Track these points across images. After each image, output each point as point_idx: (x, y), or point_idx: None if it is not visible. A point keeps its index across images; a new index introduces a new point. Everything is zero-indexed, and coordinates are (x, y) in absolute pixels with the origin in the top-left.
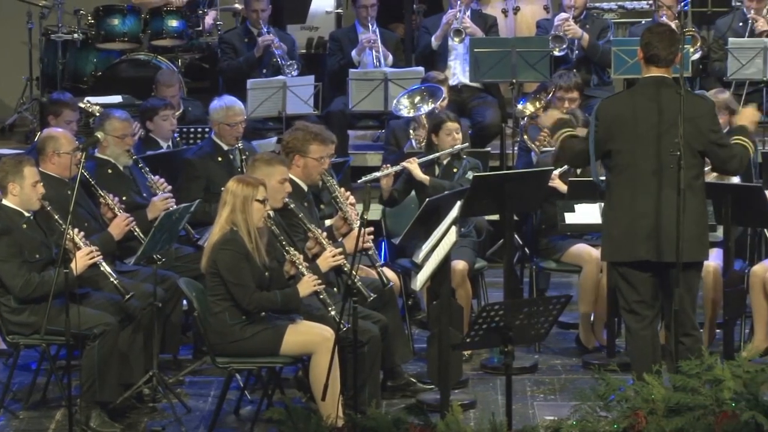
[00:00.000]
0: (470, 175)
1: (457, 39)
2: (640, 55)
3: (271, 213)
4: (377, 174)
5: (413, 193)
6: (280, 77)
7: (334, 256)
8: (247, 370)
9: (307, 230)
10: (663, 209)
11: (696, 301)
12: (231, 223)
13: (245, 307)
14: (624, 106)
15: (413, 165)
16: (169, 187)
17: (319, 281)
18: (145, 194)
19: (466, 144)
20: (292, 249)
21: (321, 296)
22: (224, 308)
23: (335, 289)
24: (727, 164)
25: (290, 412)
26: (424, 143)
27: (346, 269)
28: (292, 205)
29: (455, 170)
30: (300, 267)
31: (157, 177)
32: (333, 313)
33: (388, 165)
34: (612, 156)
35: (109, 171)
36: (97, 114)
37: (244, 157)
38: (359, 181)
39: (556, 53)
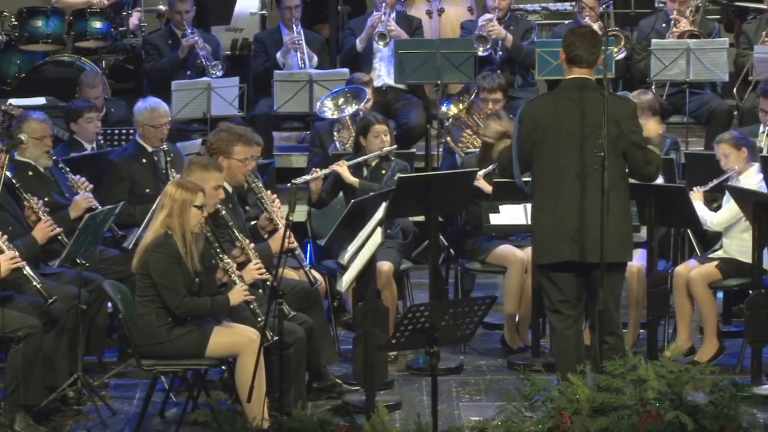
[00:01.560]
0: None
1: (381, 43)
2: (563, 57)
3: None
4: (307, 177)
5: (341, 194)
6: (205, 78)
7: (258, 269)
8: (172, 372)
9: (236, 239)
10: (587, 210)
11: (620, 301)
12: (166, 227)
13: (174, 311)
14: (547, 108)
15: (342, 168)
16: (90, 186)
17: (250, 291)
18: (67, 194)
19: (395, 146)
20: (226, 257)
21: (251, 306)
22: (151, 310)
23: (260, 290)
24: (644, 168)
25: (216, 414)
26: (348, 145)
27: (268, 283)
28: (223, 212)
29: (384, 172)
30: (232, 275)
31: (77, 176)
32: (261, 323)
33: (318, 168)
34: (536, 158)
35: (30, 173)
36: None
37: (168, 158)
38: (288, 184)
39: (480, 53)
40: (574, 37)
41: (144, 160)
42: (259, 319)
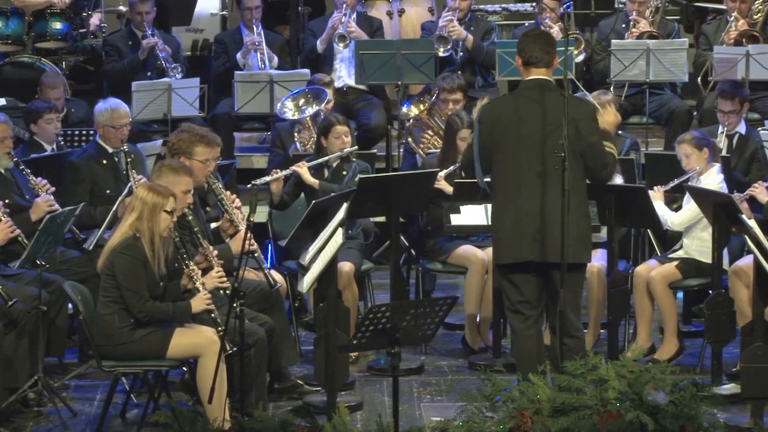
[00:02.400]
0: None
1: (341, 44)
2: (519, 62)
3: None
4: (267, 178)
5: (302, 195)
6: (166, 79)
7: (220, 277)
8: (133, 374)
9: (200, 245)
10: (547, 210)
11: (580, 301)
12: (135, 230)
13: (135, 314)
14: (507, 108)
15: (303, 169)
16: (52, 189)
17: (212, 300)
18: (27, 196)
19: (356, 147)
20: (192, 264)
21: (212, 315)
22: (114, 310)
23: (221, 291)
24: (601, 172)
25: (177, 415)
26: (309, 145)
27: (227, 287)
28: (190, 217)
29: (345, 173)
30: (196, 283)
31: (39, 178)
32: (221, 333)
33: (278, 170)
34: (496, 158)
35: None
36: None
37: (129, 159)
38: (249, 185)
39: (441, 53)
40: (526, 40)
41: (104, 161)
42: (219, 329)
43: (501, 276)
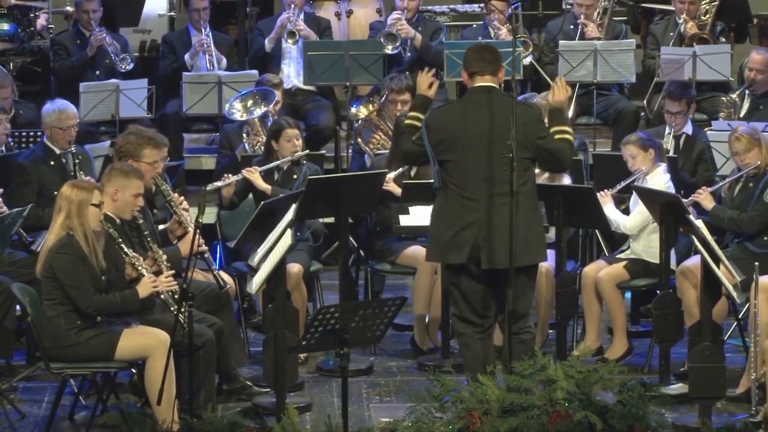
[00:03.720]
0: None
1: (291, 41)
2: (465, 76)
3: (117, 219)
4: (219, 183)
5: (250, 196)
6: (113, 80)
7: (169, 281)
8: (81, 375)
9: (149, 249)
10: (495, 214)
11: (531, 303)
12: (67, 228)
13: (85, 310)
14: (455, 114)
15: (255, 175)
16: (0, 191)
17: (157, 282)
18: None
19: (307, 151)
20: (131, 251)
21: (162, 296)
22: (59, 313)
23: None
24: (556, 164)
25: (125, 416)
26: (258, 146)
27: (175, 288)
28: (141, 221)
29: (295, 177)
30: (139, 269)
31: None
32: (174, 312)
33: (229, 174)
34: (444, 163)
35: None
36: None
37: (76, 161)
38: (200, 189)
39: (389, 51)
40: (471, 54)
41: (52, 162)
42: (172, 308)
43: (450, 285)
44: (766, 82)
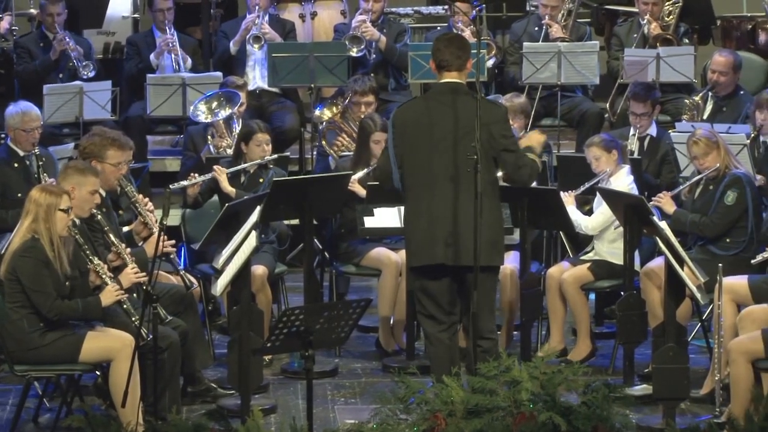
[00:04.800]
0: None
1: (256, 45)
2: (433, 66)
3: (77, 221)
4: (185, 183)
5: (215, 197)
6: (77, 82)
7: (135, 273)
8: (45, 378)
9: (111, 243)
10: (460, 213)
11: (494, 304)
12: (33, 232)
13: (46, 315)
14: (419, 112)
15: (222, 176)
16: None
17: (122, 291)
18: None
19: (275, 156)
20: (96, 259)
21: (124, 306)
22: (22, 315)
23: (134, 294)
24: (517, 172)
25: (90, 419)
26: (222, 148)
27: (144, 287)
28: (99, 216)
29: (261, 180)
30: (103, 276)
31: None
32: (136, 322)
33: (195, 174)
34: (408, 162)
35: None
36: None
37: (40, 163)
38: (165, 189)
39: (354, 54)
40: (439, 44)
41: (16, 165)
42: (134, 318)
43: (414, 282)
44: (729, 84)
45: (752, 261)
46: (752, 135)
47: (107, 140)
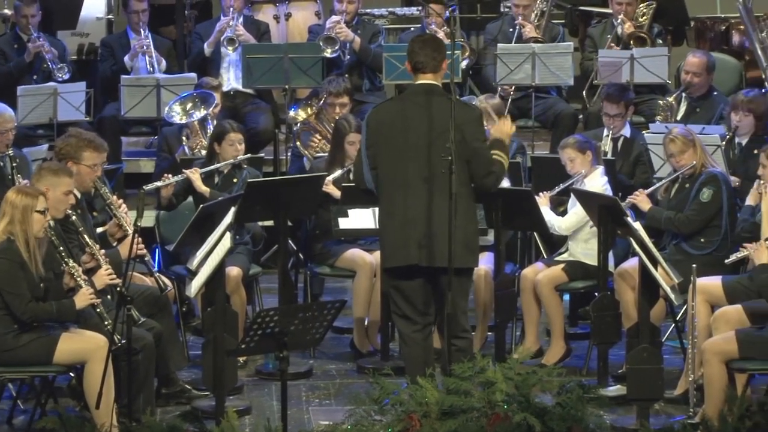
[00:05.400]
0: None
1: (230, 48)
2: (409, 67)
3: (51, 223)
4: (159, 183)
5: (190, 198)
6: (51, 84)
7: (109, 274)
8: (19, 380)
9: (86, 244)
10: (434, 215)
11: (467, 304)
12: (8, 233)
13: (20, 317)
14: (394, 113)
15: (195, 175)
16: None
17: (96, 295)
18: None
19: (249, 155)
20: (71, 261)
21: (98, 310)
22: None
23: (109, 296)
24: (484, 179)
25: (64, 421)
26: (197, 149)
27: (118, 288)
28: (74, 217)
29: (235, 180)
30: (78, 279)
31: None
32: (108, 327)
33: (170, 174)
34: (383, 162)
35: None
36: None
37: (14, 164)
38: (139, 190)
39: (328, 54)
40: (415, 45)
41: None
42: (107, 323)
43: (389, 282)
44: (703, 85)
45: (726, 261)
46: (728, 136)
47: (83, 142)
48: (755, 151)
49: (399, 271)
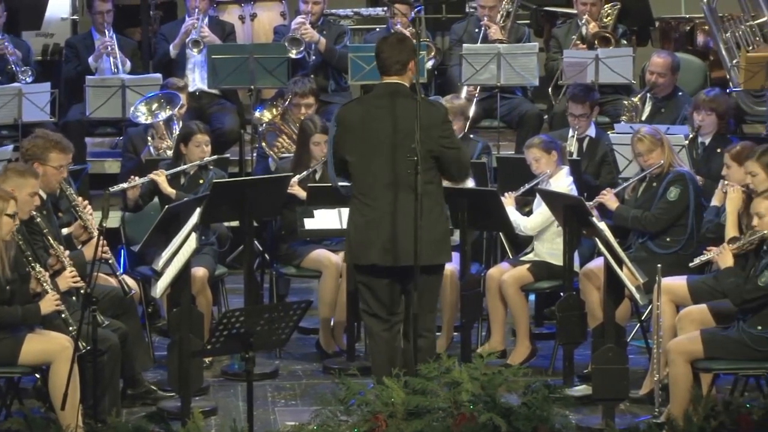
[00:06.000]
0: None
1: (195, 50)
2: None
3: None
4: (124, 185)
5: (156, 199)
6: (16, 84)
7: (73, 277)
8: None
9: (51, 246)
10: (400, 214)
11: (436, 304)
12: None
13: None
14: (362, 112)
15: (161, 178)
16: None
17: (61, 299)
18: None
19: (215, 156)
20: (38, 266)
21: (63, 315)
22: None
23: (74, 297)
24: (459, 172)
25: (29, 422)
26: (162, 150)
27: (82, 291)
28: (38, 219)
29: (201, 182)
30: (44, 284)
31: None
32: (73, 333)
33: (135, 176)
34: (351, 162)
35: None
36: None
37: None
38: (104, 192)
39: (293, 55)
40: (382, 46)
41: None
42: (71, 329)
43: (358, 279)
44: (668, 85)
45: (690, 264)
46: (691, 136)
47: (50, 143)
48: (718, 150)
49: (367, 269)
